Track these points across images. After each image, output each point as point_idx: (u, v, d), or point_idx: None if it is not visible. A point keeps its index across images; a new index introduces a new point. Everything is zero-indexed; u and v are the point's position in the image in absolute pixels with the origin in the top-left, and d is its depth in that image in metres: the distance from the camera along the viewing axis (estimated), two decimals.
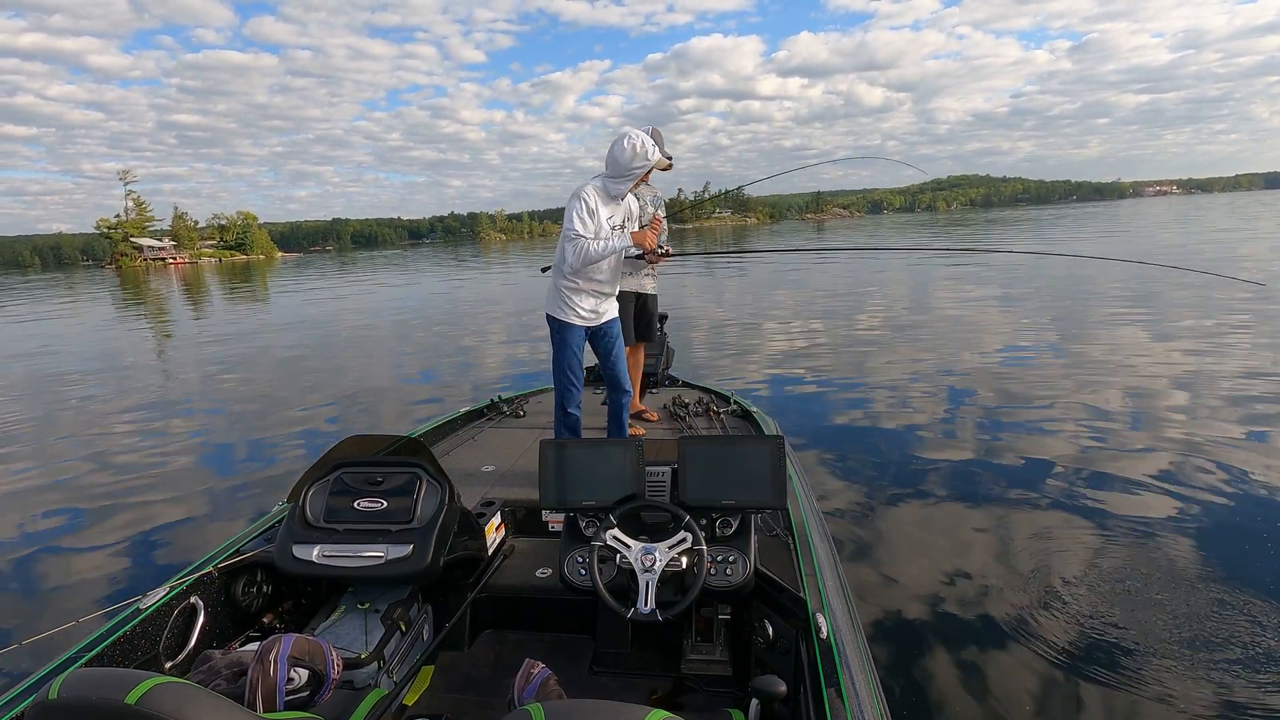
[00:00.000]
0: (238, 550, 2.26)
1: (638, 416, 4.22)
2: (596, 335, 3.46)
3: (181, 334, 16.95)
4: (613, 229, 3.27)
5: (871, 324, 11.38)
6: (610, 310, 3.45)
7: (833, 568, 2.32)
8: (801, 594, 1.95)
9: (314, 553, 2.13)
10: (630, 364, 4.15)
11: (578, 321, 3.35)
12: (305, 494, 2.27)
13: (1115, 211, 70.78)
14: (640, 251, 3.40)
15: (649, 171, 3.27)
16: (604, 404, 3.71)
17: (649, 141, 3.11)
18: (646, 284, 4.28)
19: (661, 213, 4.20)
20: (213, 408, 8.39)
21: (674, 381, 4.98)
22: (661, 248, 3.46)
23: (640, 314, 4.30)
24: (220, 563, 2.16)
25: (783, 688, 1.54)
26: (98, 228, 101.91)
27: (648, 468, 2.22)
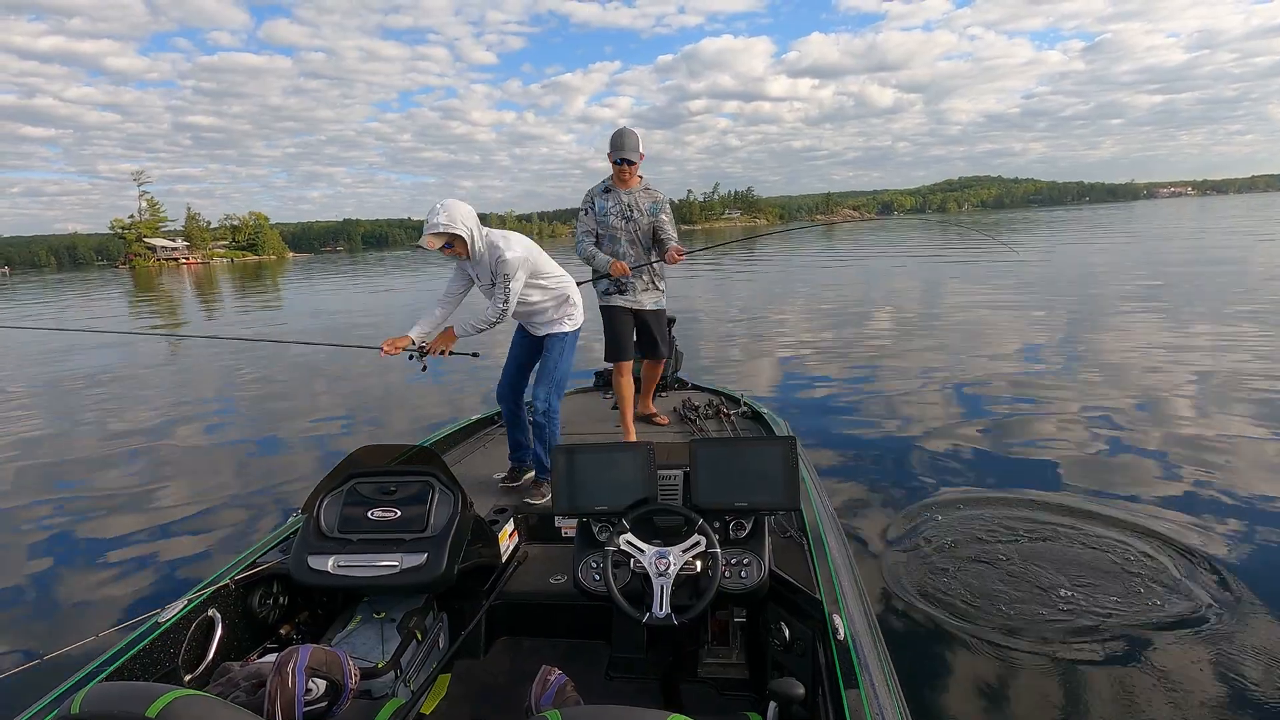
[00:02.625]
0: (254, 562, 2.27)
1: (648, 420, 4.21)
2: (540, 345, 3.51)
3: (194, 335, 17.06)
4: (479, 283, 3.31)
5: (883, 324, 11.34)
6: (549, 327, 3.43)
7: (848, 568, 2.31)
8: (817, 595, 1.94)
9: (329, 563, 2.14)
10: (646, 378, 4.28)
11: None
12: (319, 505, 2.28)
13: (1129, 215, 70.06)
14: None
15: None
16: (614, 408, 3.73)
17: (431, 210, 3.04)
18: (645, 300, 3.96)
19: (665, 215, 3.94)
20: (226, 417, 8.42)
21: (683, 384, 4.97)
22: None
23: (641, 331, 4.06)
24: (237, 575, 2.18)
25: (801, 690, 1.54)
26: (112, 228, 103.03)
27: (659, 471, 2.22)
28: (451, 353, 3.27)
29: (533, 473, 3.41)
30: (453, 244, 3.03)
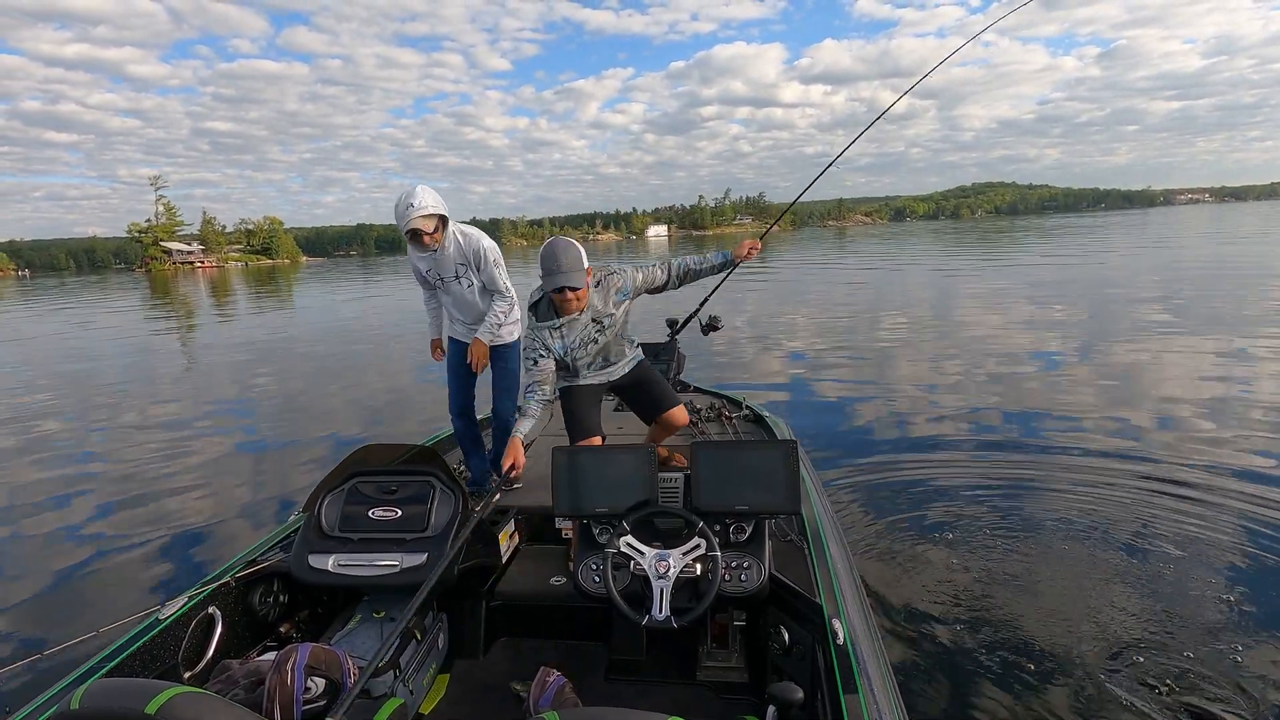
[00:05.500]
0: (254, 560, 2.29)
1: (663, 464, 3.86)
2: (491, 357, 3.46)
3: (206, 338, 17.25)
4: (440, 280, 3.30)
5: (890, 329, 11.30)
6: (504, 336, 3.41)
7: (848, 572, 2.30)
8: (817, 599, 1.94)
9: (329, 562, 2.16)
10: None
11: (455, 335, 3.50)
12: (320, 504, 2.30)
13: (1144, 221, 69.39)
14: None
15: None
16: (616, 409, 3.68)
17: (405, 196, 3.00)
18: (618, 369, 3.00)
19: (641, 282, 2.83)
20: (232, 415, 8.49)
21: (685, 387, 4.96)
22: None
23: (629, 396, 3.14)
24: (237, 573, 2.19)
25: (800, 694, 1.53)
26: (129, 232, 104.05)
27: (660, 473, 2.22)
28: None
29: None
30: (436, 229, 3.05)
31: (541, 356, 2.73)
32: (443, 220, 3.06)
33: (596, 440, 2.95)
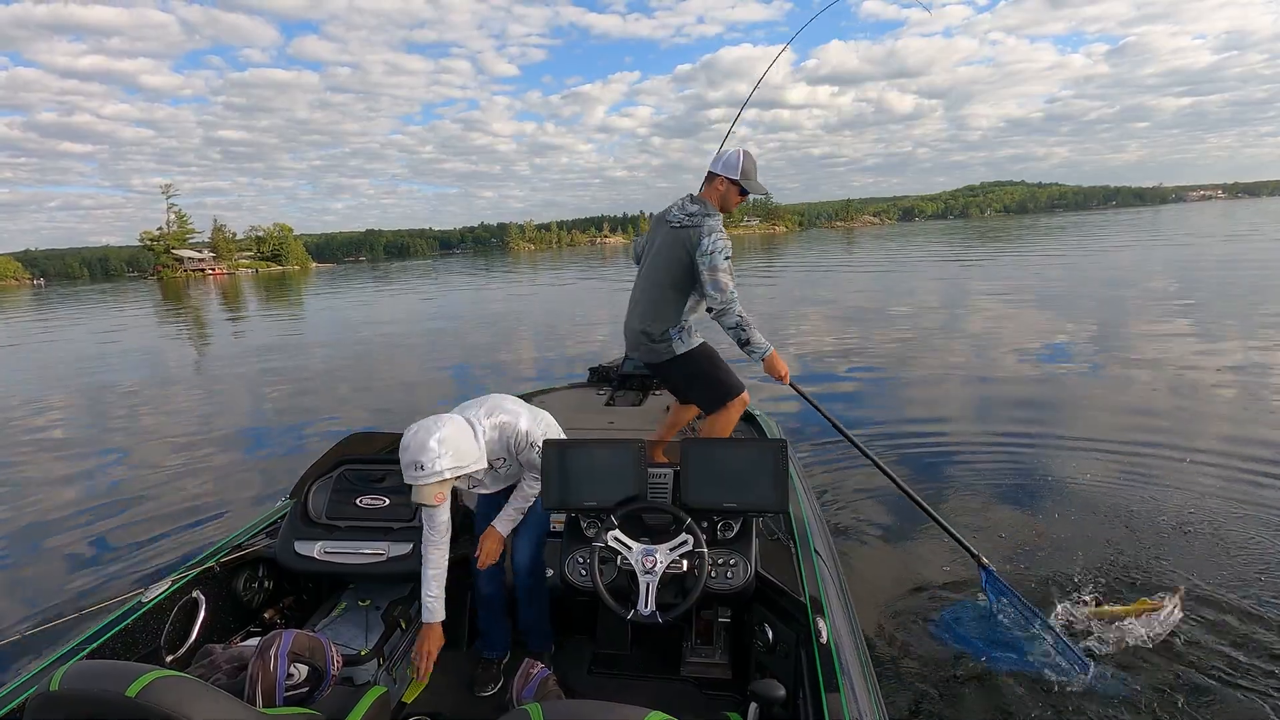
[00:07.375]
0: (240, 545, 2.29)
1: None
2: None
3: (215, 339, 17.36)
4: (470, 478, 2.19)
5: (889, 331, 11.24)
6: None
7: (834, 573, 2.29)
8: (802, 598, 1.94)
9: (316, 549, 2.17)
10: (675, 424, 3.74)
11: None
12: (308, 490, 2.31)
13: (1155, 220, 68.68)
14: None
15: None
16: (607, 404, 3.66)
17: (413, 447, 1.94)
18: (676, 345, 3.29)
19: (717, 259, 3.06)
20: (235, 411, 8.56)
21: None
22: None
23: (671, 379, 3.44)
24: (223, 557, 2.20)
25: (781, 692, 1.53)
26: (141, 240, 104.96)
27: (649, 469, 2.21)
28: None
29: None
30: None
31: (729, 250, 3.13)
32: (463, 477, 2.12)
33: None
